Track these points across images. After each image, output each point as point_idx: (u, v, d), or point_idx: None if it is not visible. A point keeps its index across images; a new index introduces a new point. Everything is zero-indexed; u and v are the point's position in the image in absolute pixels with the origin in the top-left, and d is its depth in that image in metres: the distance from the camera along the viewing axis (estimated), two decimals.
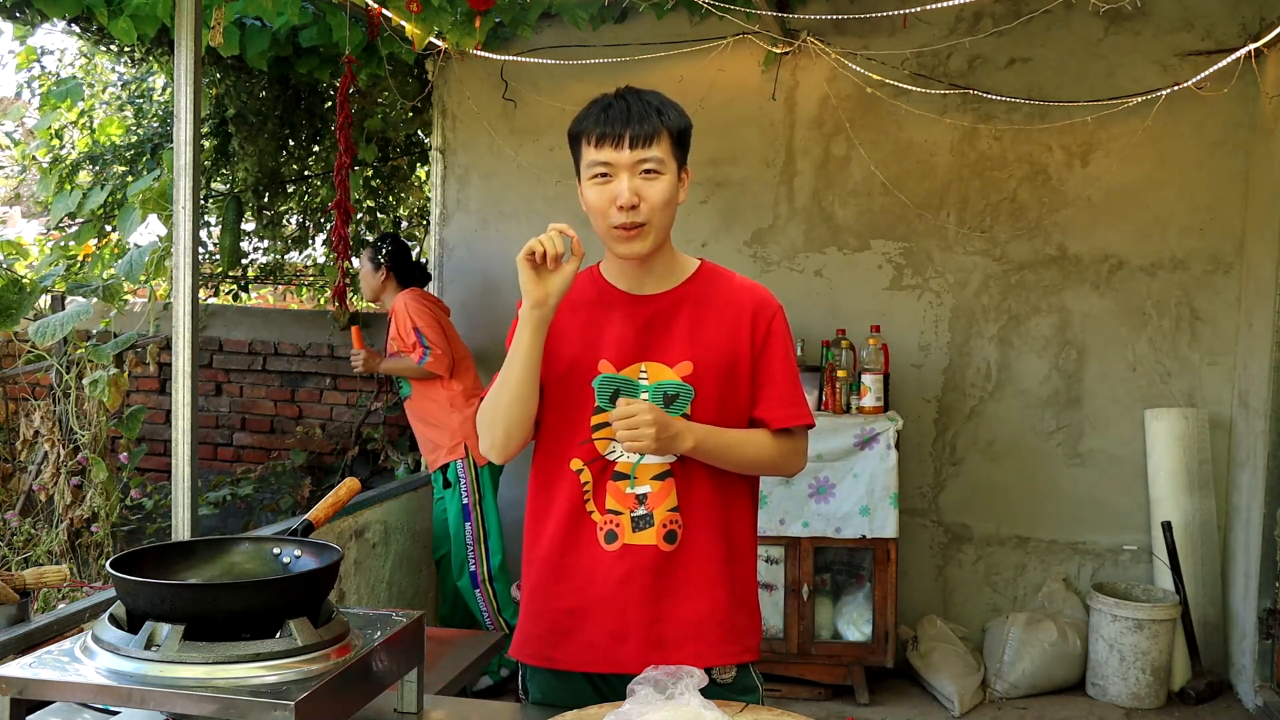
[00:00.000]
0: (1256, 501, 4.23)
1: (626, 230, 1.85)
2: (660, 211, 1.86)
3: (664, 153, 1.85)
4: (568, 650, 1.92)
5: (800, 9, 4.61)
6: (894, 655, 4.33)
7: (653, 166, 1.84)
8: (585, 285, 1.99)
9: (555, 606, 1.93)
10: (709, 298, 1.95)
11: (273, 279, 6.61)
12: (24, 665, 1.45)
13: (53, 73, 5.89)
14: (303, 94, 5.47)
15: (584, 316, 1.95)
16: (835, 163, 4.78)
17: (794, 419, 1.95)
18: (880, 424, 4.27)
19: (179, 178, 2.96)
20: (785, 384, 1.95)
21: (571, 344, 1.93)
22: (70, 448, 4.02)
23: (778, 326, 1.96)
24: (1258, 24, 4.32)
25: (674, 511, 1.90)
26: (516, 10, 4.38)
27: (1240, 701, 4.33)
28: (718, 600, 1.92)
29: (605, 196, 1.85)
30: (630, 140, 1.82)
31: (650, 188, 1.85)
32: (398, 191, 6.21)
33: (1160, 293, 4.60)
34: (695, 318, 1.92)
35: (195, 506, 3.00)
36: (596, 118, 1.86)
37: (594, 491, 1.91)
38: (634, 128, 1.82)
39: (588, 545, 1.91)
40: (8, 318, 3.45)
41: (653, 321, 1.91)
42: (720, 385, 1.91)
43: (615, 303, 1.95)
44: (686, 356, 1.90)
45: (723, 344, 1.92)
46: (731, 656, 1.92)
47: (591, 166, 1.86)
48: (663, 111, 1.87)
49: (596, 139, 1.84)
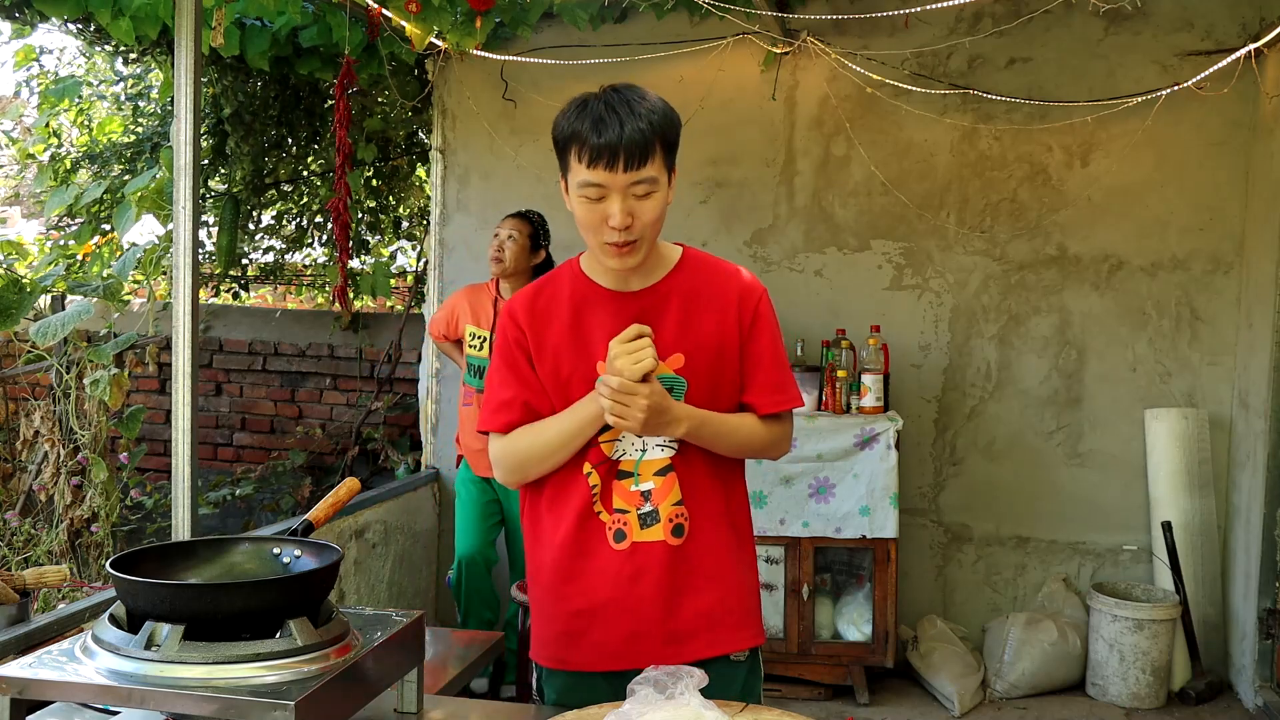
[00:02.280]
0: (1256, 501, 4.23)
1: (619, 247, 1.83)
2: (652, 227, 1.84)
3: (657, 169, 1.81)
4: (582, 651, 1.92)
5: (800, 9, 4.61)
6: (894, 655, 4.33)
7: (646, 186, 1.80)
8: (567, 284, 1.96)
9: (566, 609, 1.93)
10: (694, 289, 1.94)
11: (272, 279, 6.61)
12: (24, 665, 1.45)
13: (51, 72, 5.89)
14: (302, 94, 5.47)
15: (571, 318, 1.93)
16: (835, 163, 4.78)
17: (782, 403, 1.96)
18: (880, 424, 4.27)
19: (178, 177, 2.95)
20: (773, 369, 1.96)
21: (566, 349, 1.92)
22: (70, 448, 4.03)
23: (764, 310, 1.96)
24: (1258, 24, 4.32)
25: (679, 505, 1.90)
26: (516, 10, 4.37)
27: (1240, 701, 4.32)
28: (728, 588, 1.94)
29: (597, 215, 1.81)
30: (625, 162, 1.77)
31: (643, 206, 1.81)
32: (398, 191, 6.21)
33: (1160, 293, 4.60)
34: (683, 310, 1.92)
35: (195, 506, 3.00)
36: (589, 132, 1.78)
37: (602, 492, 1.91)
38: (628, 148, 1.76)
39: (598, 546, 1.90)
40: (8, 318, 3.45)
41: (641, 317, 1.90)
42: (711, 374, 1.91)
43: (601, 301, 1.93)
44: (677, 349, 1.90)
45: (711, 334, 1.92)
46: (745, 641, 1.95)
47: (582, 186, 1.81)
48: (653, 121, 1.79)
49: (589, 159, 1.78)
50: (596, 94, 1.85)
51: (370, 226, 6.11)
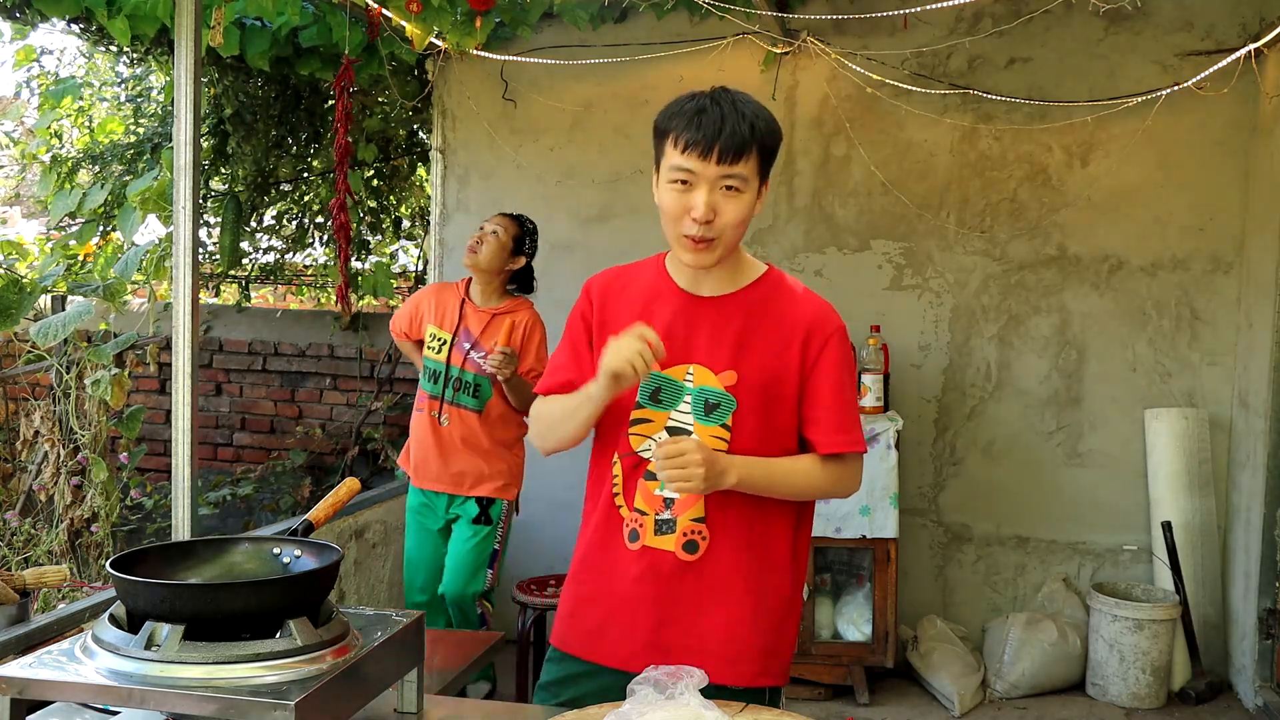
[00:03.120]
0: (1256, 501, 4.23)
1: (695, 242, 1.80)
2: (733, 229, 1.81)
3: (749, 170, 1.79)
4: (583, 639, 1.94)
5: (800, 9, 4.61)
6: (894, 655, 4.33)
7: (735, 184, 1.79)
8: (646, 274, 1.96)
9: (580, 594, 1.96)
10: (766, 309, 1.89)
11: (272, 279, 6.60)
12: (24, 665, 1.45)
13: (52, 72, 5.89)
14: (303, 94, 5.47)
15: (639, 307, 1.91)
16: (835, 163, 4.78)
17: (843, 445, 1.87)
18: (880, 424, 4.28)
19: (179, 177, 2.96)
20: (836, 408, 1.88)
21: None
22: (70, 448, 4.03)
23: (834, 346, 1.88)
24: (1258, 24, 4.32)
25: (698, 522, 1.86)
26: (516, 10, 4.37)
27: (1240, 701, 4.32)
28: (735, 617, 1.87)
29: (681, 204, 1.80)
30: (719, 154, 1.76)
31: (728, 204, 1.79)
32: (398, 191, 6.21)
33: (1160, 293, 4.60)
34: (748, 327, 1.87)
35: (195, 506, 3.00)
36: (689, 121, 1.79)
37: (624, 487, 1.90)
38: (724, 141, 1.76)
39: (615, 540, 1.91)
40: (8, 318, 3.45)
41: (705, 324, 1.87)
42: (763, 400, 1.85)
43: (671, 298, 1.91)
44: (732, 366, 1.85)
45: (770, 359, 1.86)
46: (744, 678, 1.86)
47: (673, 170, 1.80)
48: (755, 125, 1.79)
49: (685, 145, 1.78)
50: (706, 90, 1.85)
51: (371, 226, 6.10)
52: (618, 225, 4.82)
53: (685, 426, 1.87)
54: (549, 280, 4.92)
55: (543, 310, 3.88)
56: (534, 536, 4.79)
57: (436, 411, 3.80)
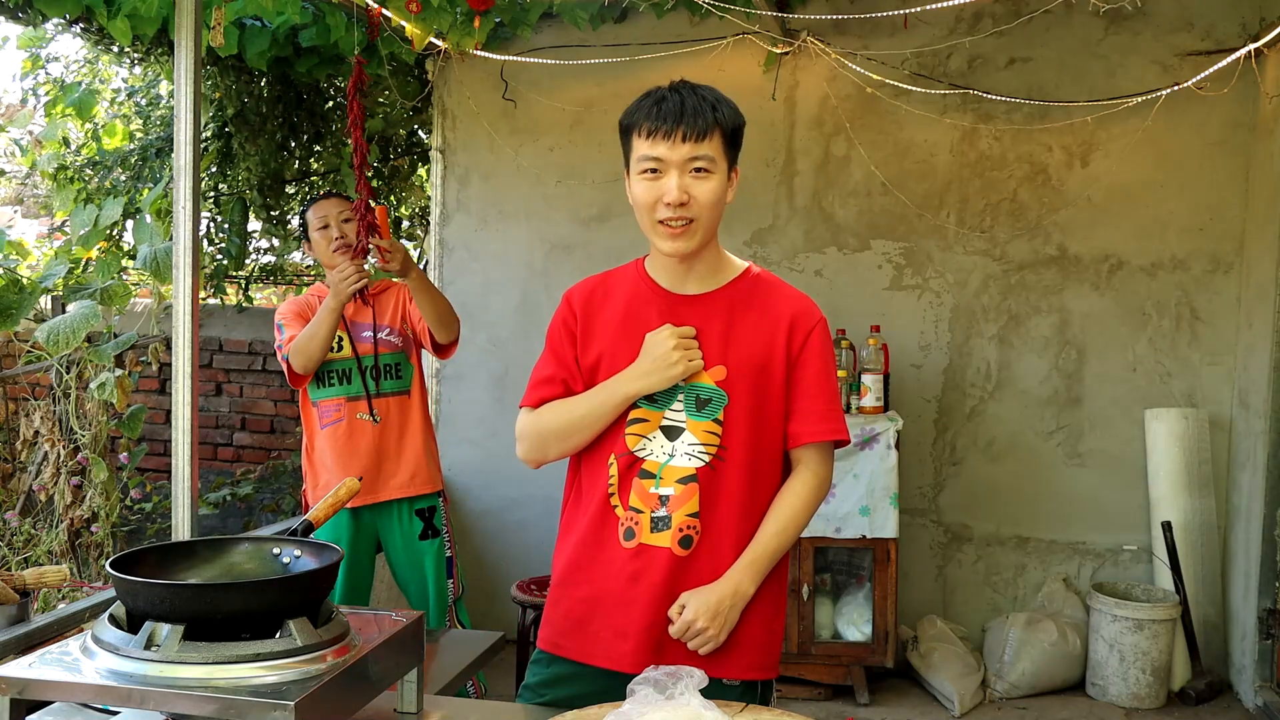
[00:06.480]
0: (1256, 501, 4.23)
1: (672, 227, 1.83)
2: (709, 210, 1.84)
3: (716, 151, 1.83)
4: (575, 640, 1.94)
5: (800, 9, 4.61)
6: (894, 655, 4.33)
7: (704, 165, 1.82)
8: (626, 279, 1.98)
9: (572, 595, 1.95)
10: (749, 303, 1.92)
11: (274, 279, 6.60)
12: (24, 665, 1.45)
13: (58, 79, 5.87)
14: (304, 94, 5.47)
15: (623, 312, 1.94)
16: (835, 163, 4.78)
17: (826, 433, 1.91)
18: (880, 424, 4.27)
19: (179, 177, 2.97)
20: (819, 397, 1.92)
21: (611, 340, 1.92)
22: (70, 448, 4.03)
23: (816, 338, 1.93)
24: (1258, 24, 4.32)
25: (693, 517, 1.88)
26: (516, 10, 4.37)
27: (1240, 701, 4.32)
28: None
29: (653, 192, 1.84)
30: (683, 136, 1.80)
31: (699, 186, 1.83)
32: (398, 191, 6.21)
33: (1160, 293, 4.60)
34: (733, 322, 1.90)
35: (195, 506, 3.00)
36: (649, 111, 1.84)
37: (619, 486, 1.90)
38: (687, 123, 1.80)
39: (609, 539, 1.91)
40: (8, 318, 3.45)
41: (691, 321, 1.89)
42: (753, 393, 1.89)
43: (655, 299, 1.93)
44: (721, 361, 1.88)
45: (757, 351, 1.89)
46: (735, 671, 1.89)
47: (641, 161, 1.84)
48: (717, 107, 1.84)
49: (648, 133, 1.83)
50: (665, 84, 1.90)
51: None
52: (618, 225, 4.81)
53: (679, 425, 1.89)
54: (549, 280, 4.93)
55: (544, 311, 3.88)
56: (534, 536, 4.79)
57: (365, 413, 3.48)
